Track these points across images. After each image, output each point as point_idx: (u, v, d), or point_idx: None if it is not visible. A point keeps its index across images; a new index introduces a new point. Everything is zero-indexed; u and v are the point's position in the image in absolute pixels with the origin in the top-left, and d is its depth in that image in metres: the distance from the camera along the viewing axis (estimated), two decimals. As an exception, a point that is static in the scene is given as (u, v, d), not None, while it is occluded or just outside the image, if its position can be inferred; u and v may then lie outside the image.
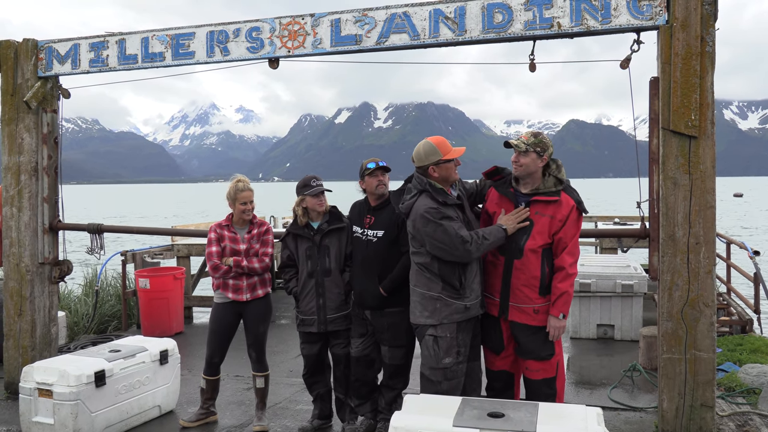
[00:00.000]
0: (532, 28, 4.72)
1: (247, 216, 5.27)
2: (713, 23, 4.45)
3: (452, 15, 4.89)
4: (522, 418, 3.36)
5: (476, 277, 4.27)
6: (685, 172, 4.44)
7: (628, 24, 4.56)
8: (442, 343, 4.19)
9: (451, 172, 4.27)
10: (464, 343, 4.24)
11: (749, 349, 6.84)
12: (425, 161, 4.24)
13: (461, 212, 4.28)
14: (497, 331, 4.43)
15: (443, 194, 4.20)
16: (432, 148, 4.23)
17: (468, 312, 4.21)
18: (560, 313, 4.17)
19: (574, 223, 4.25)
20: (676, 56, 4.45)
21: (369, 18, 5.11)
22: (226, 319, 5.24)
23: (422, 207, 4.13)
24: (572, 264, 4.22)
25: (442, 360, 4.18)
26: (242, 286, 5.19)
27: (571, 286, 4.22)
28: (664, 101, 4.50)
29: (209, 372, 5.33)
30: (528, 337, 4.29)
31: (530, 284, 4.23)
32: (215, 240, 5.22)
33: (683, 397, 4.48)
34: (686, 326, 4.44)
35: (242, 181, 5.29)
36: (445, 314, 4.17)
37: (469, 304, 4.20)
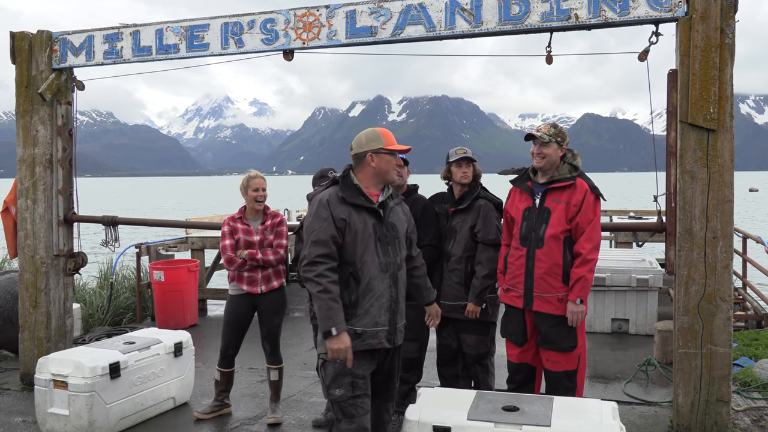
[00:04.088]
0: (549, 19, 4.68)
1: (260, 203, 5.26)
2: (733, 15, 4.40)
3: (468, 6, 4.85)
4: (537, 412, 3.35)
5: (378, 301, 3.48)
6: (702, 165, 4.39)
7: (647, 15, 4.51)
8: (329, 368, 3.45)
9: (389, 167, 3.59)
10: (360, 373, 3.46)
11: (765, 344, 6.78)
12: (364, 147, 3.58)
13: (375, 220, 3.52)
14: (521, 323, 4.42)
15: (355, 192, 3.51)
16: (375, 134, 3.61)
17: (359, 340, 3.42)
18: (577, 298, 4.14)
19: (590, 207, 4.23)
20: (695, 48, 4.39)
21: (384, 9, 5.08)
22: (241, 310, 5.25)
23: (319, 197, 3.52)
24: (591, 250, 4.18)
25: (329, 390, 3.47)
26: (257, 278, 5.19)
27: (590, 272, 4.17)
28: (683, 94, 4.45)
29: (223, 364, 5.34)
30: (551, 327, 4.27)
31: (553, 273, 4.23)
32: (228, 233, 5.22)
33: (699, 391, 4.44)
34: (702, 321, 4.40)
35: (254, 171, 5.38)
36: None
37: (360, 330, 3.42)
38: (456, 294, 4.74)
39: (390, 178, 3.63)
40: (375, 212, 3.52)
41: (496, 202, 4.79)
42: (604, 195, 4.37)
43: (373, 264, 3.46)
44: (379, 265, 3.47)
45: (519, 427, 3.23)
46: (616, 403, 3.60)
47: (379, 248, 3.49)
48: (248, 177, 5.29)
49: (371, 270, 3.45)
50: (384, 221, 3.55)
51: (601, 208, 4.47)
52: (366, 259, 3.44)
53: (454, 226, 4.76)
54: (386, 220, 3.56)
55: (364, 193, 3.52)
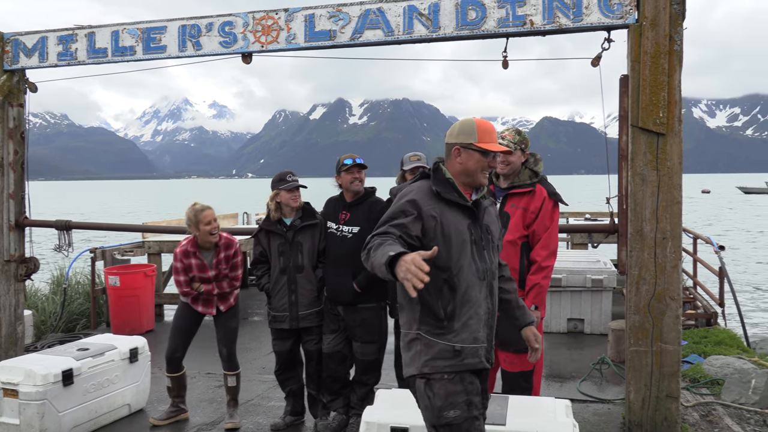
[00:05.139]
0: (505, 25, 4.76)
1: (215, 236, 5.08)
2: (681, 22, 4.53)
3: (426, 11, 4.91)
4: (492, 411, 3.40)
5: (477, 313, 2.96)
6: (653, 168, 4.52)
7: (599, 22, 4.62)
8: (437, 387, 2.88)
9: (477, 168, 3.02)
10: (475, 389, 2.95)
11: (714, 342, 6.99)
12: (454, 138, 3.08)
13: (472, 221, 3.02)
14: None
15: (449, 187, 3.01)
16: (470, 127, 3.05)
17: (460, 359, 2.90)
18: (533, 304, 4.21)
19: (548, 214, 4.29)
20: (645, 54, 4.52)
21: (343, 14, 5.11)
22: (192, 315, 5.19)
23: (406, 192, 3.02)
24: (546, 257, 4.24)
25: (441, 412, 2.87)
26: (213, 300, 5.18)
27: (545, 279, 4.23)
28: (634, 99, 4.57)
29: (171, 368, 5.24)
30: (509, 329, 4.31)
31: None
32: (182, 270, 5.08)
33: (649, 388, 4.56)
34: (653, 319, 4.52)
35: (198, 203, 5.10)
36: (425, 359, 2.91)
37: (459, 347, 2.90)
38: None
39: (477, 180, 3.04)
40: (470, 211, 3.03)
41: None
42: (564, 200, 4.43)
43: (470, 270, 2.94)
44: (476, 272, 2.96)
45: (475, 426, 3.27)
46: (571, 401, 3.68)
47: (476, 252, 2.98)
48: (195, 211, 5.03)
49: (468, 277, 2.93)
50: (479, 222, 3.07)
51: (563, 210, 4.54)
52: (463, 264, 2.92)
53: None
54: (481, 221, 3.08)
55: (458, 189, 3.02)
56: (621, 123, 4.67)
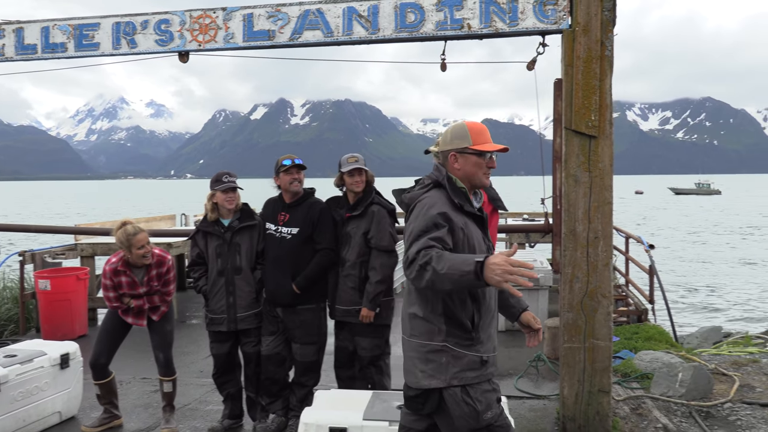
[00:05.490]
0: (444, 28, 4.82)
1: (147, 259, 4.92)
2: (612, 29, 4.68)
3: (365, 13, 4.93)
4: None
5: (493, 319, 3.07)
6: (585, 170, 4.65)
7: (534, 27, 4.73)
8: (477, 392, 2.90)
9: (476, 171, 3.02)
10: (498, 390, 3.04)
11: (644, 337, 7.24)
12: (448, 144, 3.07)
13: (481, 230, 3.05)
14: None
15: (464, 199, 3.01)
16: (462, 131, 3.05)
17: (485, 369, 2.94)
18: None
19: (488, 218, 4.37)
20: (578, 59, 4.65)
21: (282, 14, 5.08)
22: (121, 320, 5.05)
23: (428, 203, 2.94)
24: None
25: (482, 416, 2.90)
26: (144, 313, 5.05)
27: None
28: (567, 102, 4.70)
29: (97, 375, 5.07)
30: None
31: None
32: (111, 287, 4.92)
33: (582, 383, 4.70)
34: (585, 316, 4.66)
35: (130, 223, 4.89)
36: (454, 372, 2.89)
37: (486, 357, 2.95)
38: (351, 299, 4.79)
39: (479, 182, 3.05)
40: (481, 220, 3.06)
41: (390, 209, 4.87)
42: (504, 206, 4.51)
43: None
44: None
45: (413, 424, 3.30)
46: (508, 398, 3.76)
47: None
48: (126, 234, 4.81)
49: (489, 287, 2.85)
50: (486, 230, 3.09)
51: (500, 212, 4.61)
52: None
53: (348, 232, 4.81)
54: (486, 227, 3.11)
55: (469, 198, 3.03)
56: (555, 125, 4.80)
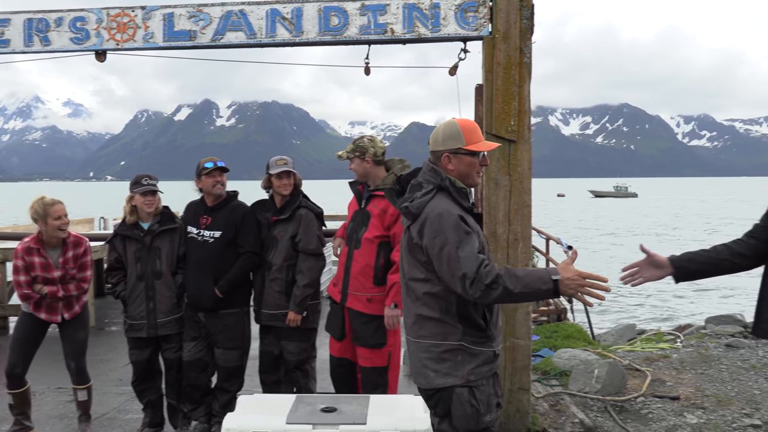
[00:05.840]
0: (367, 32, 4.86)
1: (64, 232, 4.76)
2: (530, 36, 4.83)
3: (289, 15, 4.91)
4: (354, 411, 3.45)
5: (499, 311, 3.22)
6: (505, 173, 4.78)
7: (456, 33, 4.83)
8: (481, 395, 3.00)
9: (470, 171, 3.03)
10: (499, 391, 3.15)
11: (563, 336, 7.50)
12: (440, 145, 3.05)
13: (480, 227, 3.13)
14: (339, 319, 4.57)
15: (465, 198, 3.04)
16: (455, 131, 3.02)
17: (497, 360, 3.09)
18: (392, 302, 4.35)
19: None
20: (498, 65, 4.77)
21: (204, 14, 5.00)
22: (34, 325, 4.86)
23: (437, 209, 2.91)
24: None
25: (483, 419, 3.01)
26: (57, 306, 4.85)
27: None
28: (488, 107, 4.82)
29: (12, 385, 4.85)
30: (361, 324, 4.46)
31: (365, 273, 4.42)
32: (23, 269, 4.71)
33: (503, 382, 4.81)
34: (506, 316, 4.77)
35: (47, 197, 4.76)
36: (471, 368, 2.97)
37: (498, 350, 3.09)
38: (277, 303, 4.76)
39: (472, 182, 3.07)
40: (479, 216, 3.16)
41: (317, 212, 4.87)
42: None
43: None
44: None
45: (336, 427, 3.31)
46: (431, 397, 3.80)
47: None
48: (44, 203, 4.69)
49: None
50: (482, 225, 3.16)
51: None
52: None
53: (275, 236, 4.78)
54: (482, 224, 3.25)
55: (468, 197, 3.07)
56: (476, 130, 4.90)
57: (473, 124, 3.08)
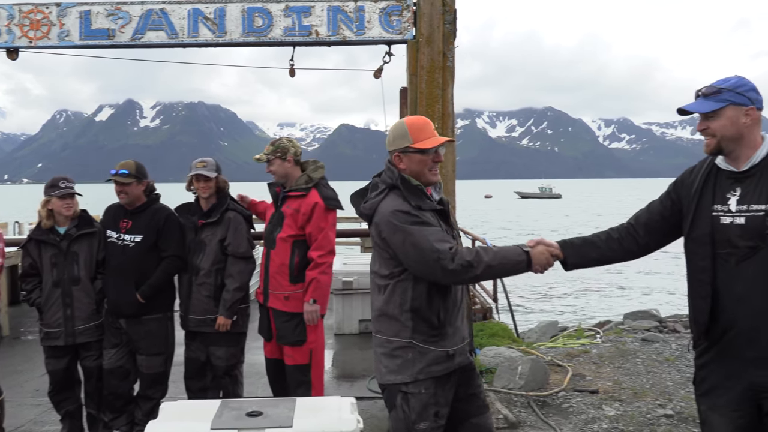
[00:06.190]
0: (292, 34, 4.86)
1: None
2: (453, 41, 4.93)
3: (212, 16, 4.86)
4: (280, 414, 3.44)
5: (460, 310, 3.16)
6: (429, 175, 4.85)
7: (381, 36, 4.88)
8: (414, 402, 3.06)
9: (421, 168, 3.06)
10: (445, 401, 3.13)
11: (489, 334, 7.66)
12: (391, 145, 3.12)
13: (444, 222, 3.14)
14: (266, 319, 4.69)
15: (419, 195, 3.06)
16: (402, 130, 3.07)
17: (451, 361, 3.09)
18: (311, 298, 4.48)
19: (321, 216, 4.55)
20: (421, 69, 4.85)
21: (123, 12, 4.89)
22: None
23: (389, 208, 3.01)
24: (322, 255, 4.52)
25: (414, 425, 3.07)
26: None
27: (322, 274, 4.52)
28: (412, 110, 4.89)
29: None
30: (282, 323, 4.58)
31: (281, 272, 4.55)
32: None
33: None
34: (432, 316, 4.85)
35: None
36: (420, 367, 3.04)
37: (452, 350, 3.08)
38: (205, 308, 4.69)
39: (427, 180, 3.09)
40: (442, 213, 3.13)
41: (246, 215, 4.84)
42: (341, 206, 4.68)
43: None
44: None
45: (262, 431, 3.30)
46: (360, 399, 3.84)
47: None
48: None
49: None
50: (449, 221, 3.18)
51: (353, 216, 4.82)
52: None
53: (203, 239, 4.71)
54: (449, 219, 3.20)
55: (426, 193, 3.10)
56: (401, 133, 4.96)
57: (422, 121, 3.12)
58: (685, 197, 2.95)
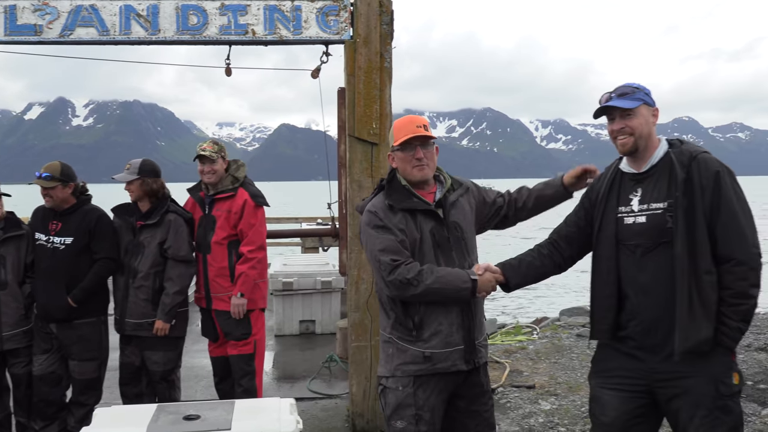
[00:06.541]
0: (227, 33, 4.80)
1: None
2: (390, 42, 4.96)
3: (145, 13, 4.75)
4: (218, 417, 3.41)
5: (445, 315, 3.06)
6: (368, 176, 4.87)
7: (318, 36, 4.87)
8: (390, 397, 3.10)
9: (406, 166, 3.12)
10: (428, 405, 3.07)
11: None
12: (389, 148, 3.25)
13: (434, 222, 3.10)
14: (210, 322, 4.88)
15: (402, 195, 3.10)
16: (391, 132, 3.23)
17: (429, 363, 3.04)
18: (239, 291, 4.61)
19: (251, 213, 4.69)
20: (359, 69, 4.86)
21: (51, 8, 4.72)
22: None
23: (368, 206, 3.18)
24: (253, 250, 4.65)
25: (389, 421, 3.11)
26: None
27: (252, 269, 4.64)
28: (350, 110, 4.90)
29: None
30: (226, 321, 4.72)
31: (222, 274, 4.67)
32: None
33: (369, 380, 4.91)
34: (371, 316, 4.87)
35: None
36: (397, 363, 3.09)
37: (429, 353, 3.04)
38: (143, 311, 4.61)
39: (411, 177, 3.11)
40: (432, 213, 3.10)
41: (186, 217, 4.77)
42: (267, 202, 4.84)
43: None
44: None
45: (199, 434, 3.26)
46: (301, 399, 3.84)
47: (440, 256, 3.06)
48: None
49: None
50: (445, 221, 3.11)
51: (293, 216, 4.95)
52: None
53: (141, 241, 4.61)
54: (448, 219, 3.12)
55: (415, 193, 3.11)
56: (339, 133, 4.99)
57: (404, 120, 3.17)
58: (594, 203, 3.09)
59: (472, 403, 3.18)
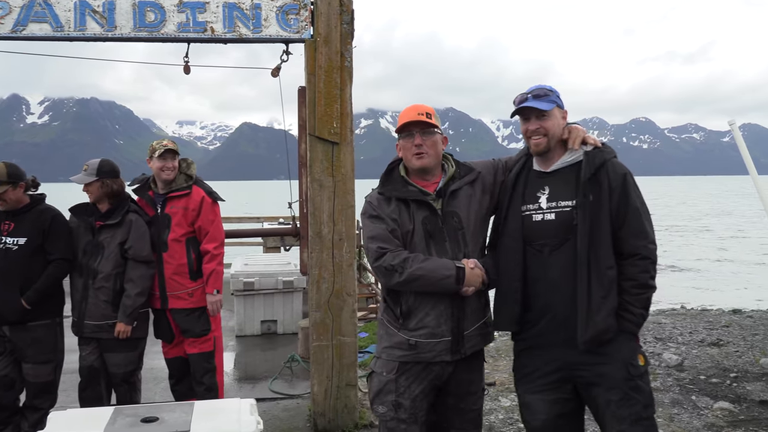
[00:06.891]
0: (186, 30, 4.74)
1: None
2: (351, 41, 4.95)
3: (101, 9, 4.67)
4: (177, 419, 3.37)
5: (433, 307, 3.05)
6: (329, 175, 4.87)
7: (278, 35, 4.84)
8: (375, 380, 3.18)
9: (406, 153, 3.14)
10: (409, 393, 3.09)
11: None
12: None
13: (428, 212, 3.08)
14: (166, 322, 4.85)
15: (397, 184, 3.15)
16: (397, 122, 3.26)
17: (414, 352, 3.06)
18: (214, 289, 4.69)
19: (209, 210, 4.77)
20: (319, 69, 4.85)
21: (2, 2, 4.61)
22: None
23: (366, 198, 3.25)
24: (217, 246, 4.74)
25: (372, 404, 3.20)
26: None
27: (220, 265, 4.75)
28: (311, 110, 4.88)
29: None
30: (185, 318, 4.75)
31: (180, 272, 4.70)
32: None
33: (331, 379, 4.91)
34: (332, 315, 4.88)
35: None
36: (385, 345, 3.16)
37: (414, 341, 3.05)
38: (103, 313, 4.52)
39: (410, 165, 3.13)
40: (425, 203, 3.08)
41: (147, 218, 4.71)
42: (221, 198, 4.95)
43: None
44: None
45: (158, 436, 3.22)
46: (262, 400, 3.82)
47: (432, 246, 3.04)
48: None
49: None
50: (441, 211, 3.08)
51: (254, 215, 5.00)
52: None
53: (101, 242, 4.52)
54: (445, 208, 3.08)
55: (411, 183, 3.13)
56: (300, 132, 4.98)
57: (409, 107, 3.19)
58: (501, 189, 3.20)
59: (460, 400, 3.21)
